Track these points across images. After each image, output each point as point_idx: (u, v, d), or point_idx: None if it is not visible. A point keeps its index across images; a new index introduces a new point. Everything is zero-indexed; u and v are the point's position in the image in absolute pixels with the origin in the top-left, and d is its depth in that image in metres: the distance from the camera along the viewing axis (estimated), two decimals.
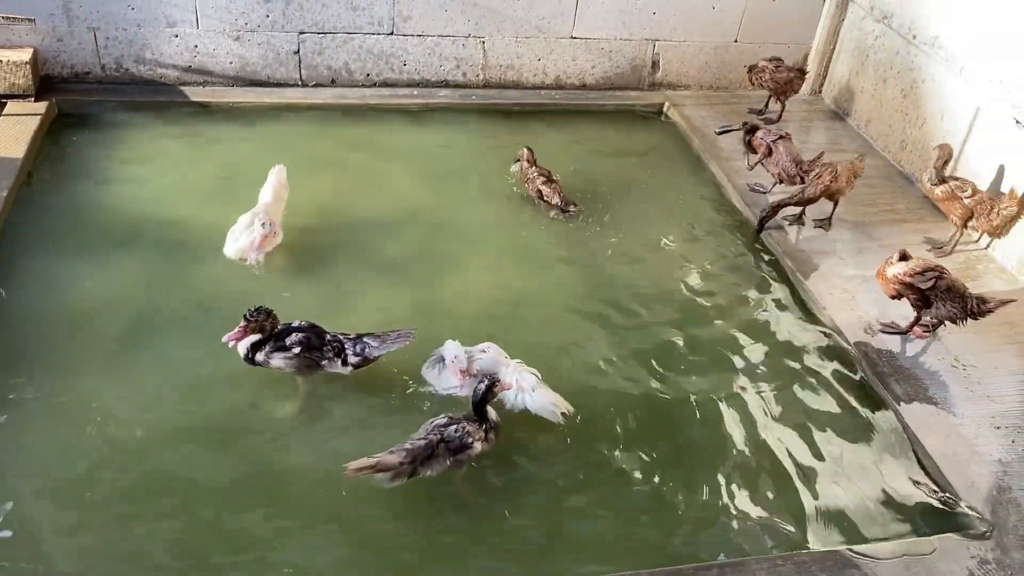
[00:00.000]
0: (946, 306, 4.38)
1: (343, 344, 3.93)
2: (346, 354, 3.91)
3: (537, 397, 3.85)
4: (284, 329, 3.94)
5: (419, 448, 3.48)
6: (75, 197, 5.17)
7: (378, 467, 3.40)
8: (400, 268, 4.92)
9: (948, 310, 4.38)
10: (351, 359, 3.91)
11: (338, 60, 6.55)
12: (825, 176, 5.20)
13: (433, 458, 3.49)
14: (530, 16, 6.65)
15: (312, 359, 3.88)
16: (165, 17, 6.12)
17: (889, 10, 6.43)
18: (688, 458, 3.94)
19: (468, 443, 3.53)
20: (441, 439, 3.51)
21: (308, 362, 3.87)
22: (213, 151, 5.82)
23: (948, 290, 4.36)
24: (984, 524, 3.61)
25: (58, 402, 3.84)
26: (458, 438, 3.52)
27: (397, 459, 3.43)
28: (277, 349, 3.87)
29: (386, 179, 5.74)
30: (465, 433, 3.54)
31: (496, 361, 3.94)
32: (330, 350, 3.90)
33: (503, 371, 3.91)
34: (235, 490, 3.56)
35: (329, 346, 3.91)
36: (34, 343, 4.12)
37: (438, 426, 3.58)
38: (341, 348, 3.92)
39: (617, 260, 5.20)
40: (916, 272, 4.38)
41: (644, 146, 6.55)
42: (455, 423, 3.58)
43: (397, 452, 3.46)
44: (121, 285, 4.54)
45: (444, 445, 3.51)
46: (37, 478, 3.48)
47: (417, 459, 3.46)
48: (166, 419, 3.81)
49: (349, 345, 3.93)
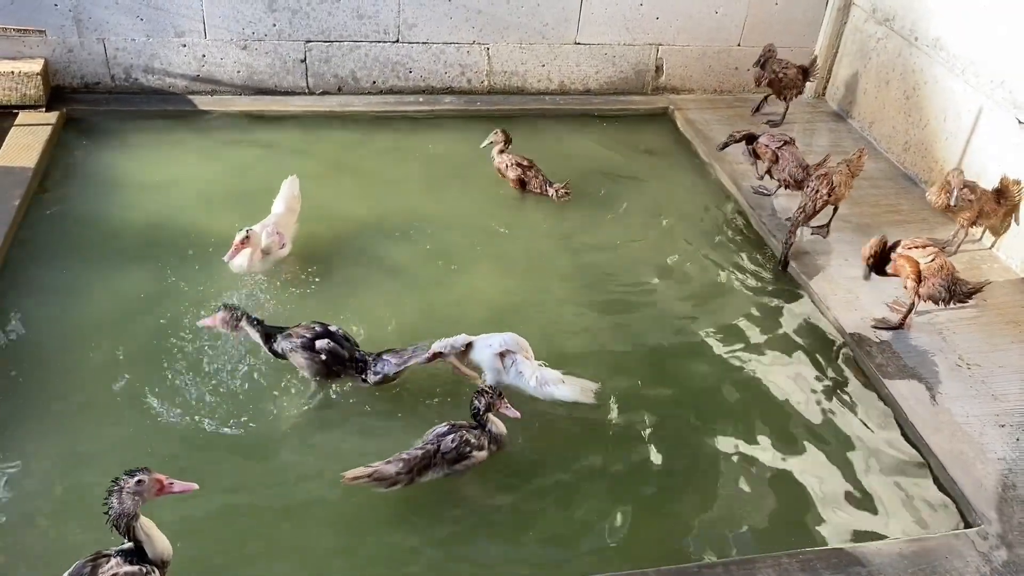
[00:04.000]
0: (935, 284, 4.41)
1: (366, 363, 3.97)
2: (367, 373, 3.95)
3: (565, 389, 3.90)
4: (321, 331, 3.97)
5: (416, 458, 3.50)
6: (86, 206, 5.23)
7: (374, 476, 3.42)
8: (407, 273, 4.96)
9: (934, 287, 4.41)
10: (370, 378, 3.95)
11: (344, 68, 6.61)
12: (823, 189, 5.13)
13: (430, 467, 3.52)
14: (533, 22, 6.70)
15: (333, 371, 3.92)
16: (173, 27, 6.20)
17: (891, 12, 6.47)
18: (691, 457, 3.97)
19: (465, 452, 3.55)
20: (438, 449, 3.53)
21: (328, 372, 3.92)
22: (221, 160, 5.88)
23: (940, 268, 4.42)
24: (989, 522, 3.63)
25: (69, 413, 3.89)
26: (454, 448, 3.54)
27: (394, 469, 3.45)
28: (304, 346, 3.90)
29: (393, 185, 5.79)
30: (463, 443, 3.55)
31: (492, 358, 3.97)
32: (352, 367, 3.95)
33: (523, 365, 3.95)
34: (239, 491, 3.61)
35: (353, 363, 3.95)
36: (40, 359, 4.14)
37: (438, 435, 3.60)
38: (364, 367, 3.96)
39: (623, 262, 5.24)
40: (919, 245, 4.48)
41: (649, 150, 6.59)
42: (454, 431, 3.59)
43: (395, 462, 3.48)
44: (132, 295, 4.58)
45: (441, 455, 3.53)
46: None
47: (414, 469, 3.48)
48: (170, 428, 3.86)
49: (371, 363, 3.97)
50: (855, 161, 5.27)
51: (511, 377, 3.95)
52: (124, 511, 2.81)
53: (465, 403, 3.77)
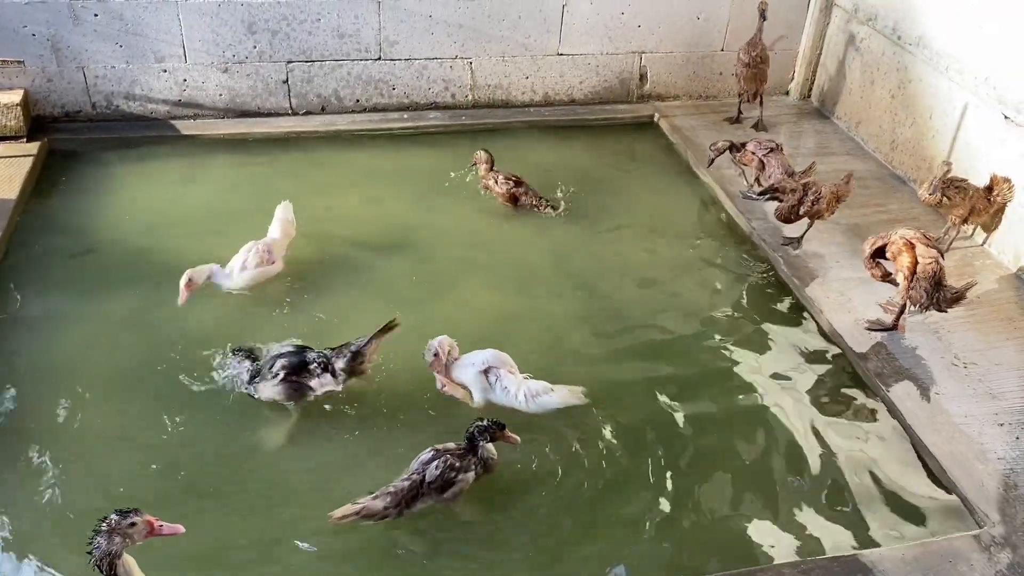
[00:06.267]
0: (919, 288, 4.36)
1: (328, 358, 3.91)
2: (333, 365, 3.89)
3: (555, 396, 3.90)
4: (272, 359, 3.92)
5: (402, 490, 3.43)
6: (70, 236, 5.18)
7: (363, 513, 3.36)
8: (396, 291, 4.91)
9: (919, 292, 4.36)
10: (338, 366, 3.89)
11: (327, 87, 6.58)
12: (810, 197, 5.08)
13: (418, 498, 3.45)
14: (515, 35, 6.68)
15: (300, 382, 3.86)
16: (153, 53, 6.16)
17: (872, 12, 6.46)
18: (690, 467, 3.92)
19: (451, 478, 3.48)
20: (423, 478, 3.47)
21: (296, 386, 3.86)
22: (206, 184, 5.84)
23: (932, 275, 4.37)
24: (992, 523, 3.58)
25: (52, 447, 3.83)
26: (439, 475, 3.46)
27: (382, 504, 3.38)
28: (263, 379, 3.85)
29: (379, 203, 5.75)
30: (448, 468, 3.48)
31: (476, 376, 3.95)
32: (317, 367, 3.88)
33: (508, 380, 3.92)
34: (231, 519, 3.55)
35: (315, 364, 3.89)
36: (26, 391, 4.10)
37: (422, 463, 3.53)
38: (327, 362, 3.89)
39: (613, 272, 5.20)
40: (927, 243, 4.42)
41: (636, 158, 6.57)
42: (439, 457, 3.51)
43: (382, 497, 3.41)
44: (117, 324, 4.53)
45: (428, 485, 3.46)
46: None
47: (402, 501, 3.41)
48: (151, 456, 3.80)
49: (334, 355, 3.92)
50: (842, 187, 5.19)
51: (497, 393, 3.91)
52: (111, 551, 2.76)
53: (452, 423, 3.71)
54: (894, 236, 4.50)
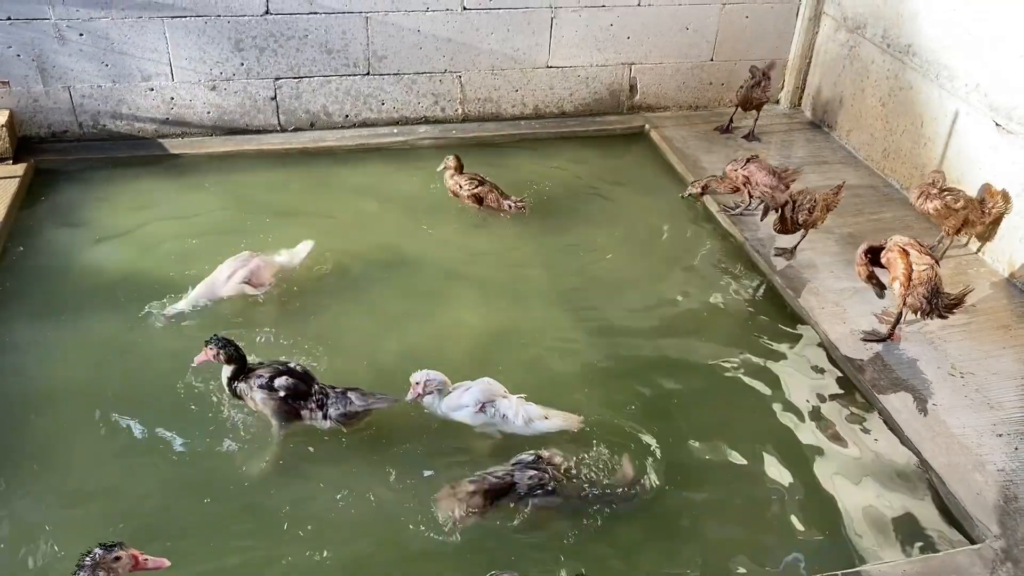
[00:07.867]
0: (918, 295, 4.33)
1: (327, 397, 3.84)
2: (328, 408, 3.83)
3: (551, 423, 3.90)
4: (279, 369, 3.86)
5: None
6: (57, 259, 5.12)
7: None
8: (385, 308, 4.86)
9: (917, 299, 4.33)
10: (331, 413, 3.82)
11: (316, 103, 6.55)
12: (805, 206, 5.08)
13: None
14: (505, 48, 6.66)
15: (294, 407, 3.80)
16: (140, 71, 6.12)
17: (861, 20, 6.46)
18: (686, 480, 3.87)
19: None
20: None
21: (290, 408, 3.80)
22: (195, 203, 5.78)
23: (929, 280, 4.33)
24: (993, 536, 3.54)
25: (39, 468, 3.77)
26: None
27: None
28: (262, 386, 3.79)
29: (369, 219, 5.71)
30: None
31: (475, 418, 3.90)
32: (313, 402, 3.82)
33: (505, 408, 3.89)
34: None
35: (315, 397, 3.83)
36: (11, 414, 4.05)
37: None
38: (324, 401, 3.83)
39: (606, 285, 5.16)
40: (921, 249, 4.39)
41: (627, 169, 6.54)
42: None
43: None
44: (106, 345, 4.48)
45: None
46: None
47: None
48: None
49: (333, 398, 3.84)
50: (831, 196, 5.17)
51: (497, 423, 3.89)
52: None
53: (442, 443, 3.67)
54: (889, 242, 4.48)
